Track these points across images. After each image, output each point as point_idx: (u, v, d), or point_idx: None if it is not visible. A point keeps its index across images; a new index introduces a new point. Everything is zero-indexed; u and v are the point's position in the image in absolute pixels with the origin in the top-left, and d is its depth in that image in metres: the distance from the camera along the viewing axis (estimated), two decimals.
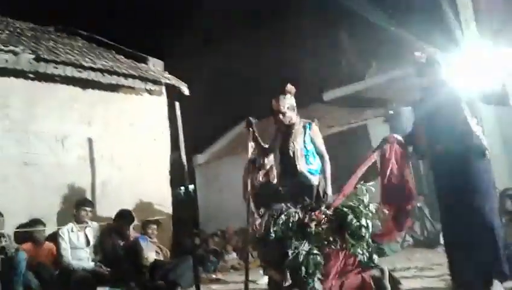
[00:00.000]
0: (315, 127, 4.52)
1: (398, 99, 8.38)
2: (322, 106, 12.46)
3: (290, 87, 4.45)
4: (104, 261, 5.39)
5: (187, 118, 6.42)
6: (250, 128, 4.63)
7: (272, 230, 3.72)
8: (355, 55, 13.20)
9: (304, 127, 4.47)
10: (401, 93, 8.70)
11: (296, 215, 3.74)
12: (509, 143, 9.14)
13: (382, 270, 3.62)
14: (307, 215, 3.71)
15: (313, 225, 3.63)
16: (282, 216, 3.74)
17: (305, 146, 4.40)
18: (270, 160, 5.26)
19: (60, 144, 6.11)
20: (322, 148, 4.48)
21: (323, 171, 4.42)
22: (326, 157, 4.49)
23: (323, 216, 3.64)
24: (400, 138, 3.96)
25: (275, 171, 5.17)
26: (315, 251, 3.60)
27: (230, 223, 9.54)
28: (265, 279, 5.22)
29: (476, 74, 3.85)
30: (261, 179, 5.35)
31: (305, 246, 3.63)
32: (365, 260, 3.53)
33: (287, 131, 4.49)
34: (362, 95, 10.82)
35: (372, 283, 3.57)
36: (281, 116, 4.41)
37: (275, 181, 5.07)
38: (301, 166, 4.32)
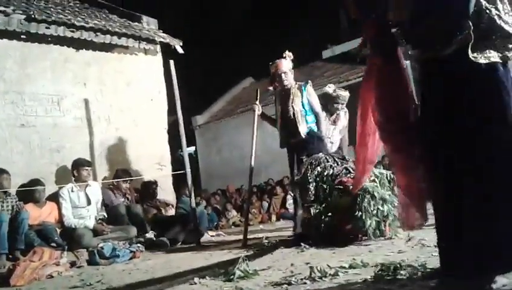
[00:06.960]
0: (310, 87, 4.82)
1: None
2: (321, 63, 12.35)
3: (288, 52, 4.83)
4: (105, 219, 5.51)
5: (185, 80, 6.36)
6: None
7: (308, 177, 4.02)
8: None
9: (300, 89, 4.74)
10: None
11: (331, 169, 4.00)
12: None
13: None
14: (338, 174, 3.95)
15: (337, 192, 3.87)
16: (319, 168, 4.03)
17: (303, 107, 4.69)
18: None
19: (56, 105, 6.08)
20: (317, 107, 4.78)
21: (317, 128, 4.72)
22: (322, 115, 4.82)
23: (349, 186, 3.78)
24: None
25: None
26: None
27: (231, 183, 9.66)
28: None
29: None
30: None
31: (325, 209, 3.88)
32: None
33: (285, 94, 4.78)
34: (362, 51, 10.67)
35: None
36: (283, 76, 4.72)
37: None
38: (302, 127, 4.61)
